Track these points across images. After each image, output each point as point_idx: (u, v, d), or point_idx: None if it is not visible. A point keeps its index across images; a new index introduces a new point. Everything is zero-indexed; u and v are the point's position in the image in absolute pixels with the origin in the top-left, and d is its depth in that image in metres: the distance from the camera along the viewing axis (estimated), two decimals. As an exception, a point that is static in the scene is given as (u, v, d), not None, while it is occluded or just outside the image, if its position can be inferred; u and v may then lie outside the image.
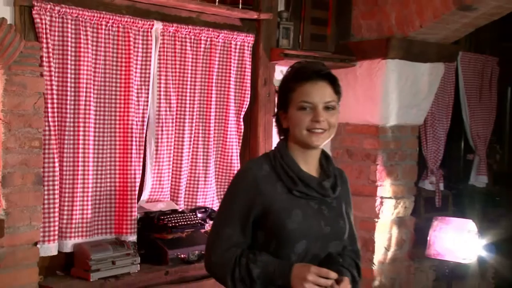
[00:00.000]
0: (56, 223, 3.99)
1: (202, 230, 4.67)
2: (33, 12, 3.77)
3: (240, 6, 4.73)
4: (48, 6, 3.84)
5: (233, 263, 2.72)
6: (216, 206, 4.75)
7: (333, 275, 2.63)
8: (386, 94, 5.40)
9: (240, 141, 4.90)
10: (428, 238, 5.60)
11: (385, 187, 5.50)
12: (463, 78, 6.46)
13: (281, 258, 2.74)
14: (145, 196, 4.53)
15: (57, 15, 3.89)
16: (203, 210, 4.76)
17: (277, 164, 2.80)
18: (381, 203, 5.46)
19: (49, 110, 3.91)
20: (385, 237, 5.52)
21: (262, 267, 2.70)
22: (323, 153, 2.92)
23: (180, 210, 4.62)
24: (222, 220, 2.86)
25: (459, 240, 5.43)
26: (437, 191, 6.27)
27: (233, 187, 2.90)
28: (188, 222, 4.50)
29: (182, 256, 4.33)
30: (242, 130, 4.88)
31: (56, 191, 3.98)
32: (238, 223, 2.80)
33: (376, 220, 5.45)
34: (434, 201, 6.27)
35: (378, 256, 5.46)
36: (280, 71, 5.21)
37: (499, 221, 7.04)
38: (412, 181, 5.80)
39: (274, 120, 3.02)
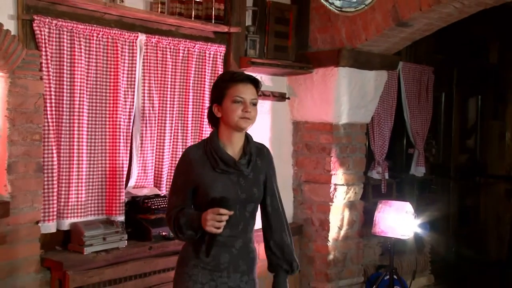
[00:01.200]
0: (55, 205, 4.03)
1: (181, 212, 4.72)
2: (34, 25, 3.81)
3: (213, 21, 4.74)
4: (47, 20, 3.87)
5: (173, 218, 3.07)
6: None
7: (224, 211, 2.89)
8: (338, 97, 5.43)
9: (214, 135, 4.88)
10: (374, 218, 5.63)
11: (338, 176, 5.52)
12: (404, 84, 6.50)
13: None
14: (132, 182, 4.54)
15: (54, 28, 3.92)
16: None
17: (207, 149, 3.10)
18: (335, 189, 5.48)
19: (48, 108, 3.94)
20: (338, 218, 5.53)
21: (187, 217, 3.03)
22: (246, 136, 3.19)
23: (162, 194, 4.63)
24: (171, 191, 3.26)
25: (399, 220, 5.47)
26: (382, 179, 6.29)
27: (177, 167, 3.27)
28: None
29: (164, 233, 4.39)
30: (215, 126, 4.90)
31: (55, 178, 4.01)
32: (180, 193, 3.17)
33: (331, 203, 5.47)
34: (380, 188, 6.29)
35: (333, 234, 5.49)
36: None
37: (433, 204, 7.14)
38: (361, 171, 5.82)
39: (206, 112, 3.29)
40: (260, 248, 3.39)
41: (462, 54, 7.68)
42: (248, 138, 3.22)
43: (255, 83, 3.17)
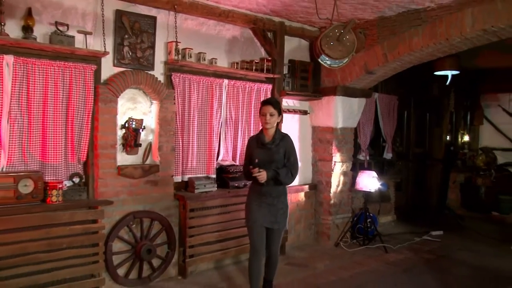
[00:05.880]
0: (180, 168, 4.40)
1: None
2: (172, 77, 4.25)
3: (265, 71, 4.89)
4: (178, 74, 4.27)
5: (245, 172, 3.51)
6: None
7: (255, 170, 3.31)
8: (336, 112, 5.58)
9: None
10: (356, 180, 5.79)
11: (337, 157, 5.66)
12: (379, 106, 6.60)
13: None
14: (220, 158, 4.78)
15: (181, 78, 4.31)
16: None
17: (257, 137, 3.53)
18: (334, 164, 5.64)
19: (177, 118, 4.31)
20: (336, 180, 5.68)
21: (246, 170, 3.38)
22: (276, 129, 3.50)
23: (237, 164, 4.84)
24: (244, 158, 3.62)
25: (369, 181, 5.67)
26: (365, 160, 6.47)
27: (246, 147, 3.64)
28: (240, 170, 4.71)
29: (236, 184, 4.66)
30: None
31: (180, 154, 4.37)
32: (247, 158, 3.58)
33: (332, 172, 5.63)
34: (364, 165, 6.42)
35: (333, 189, 5.65)
36: (285, 101, 5.34)
37: (395, 173, 7.20)
38: (351, 154, 5.84)
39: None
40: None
41: (416, 89, 7.57)
42: (277, 131, 3.50)
43: (271, 103, 3.44)
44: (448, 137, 8.33)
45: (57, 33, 3.50)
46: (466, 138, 8.67)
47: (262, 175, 3.38)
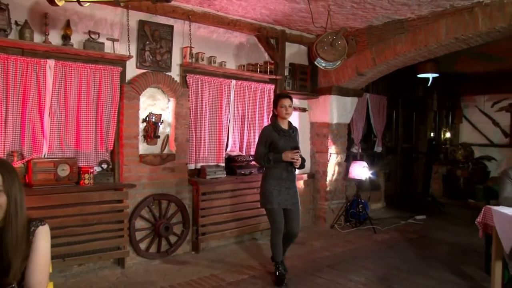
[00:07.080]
0: (193, 157, 4.49)
1: (251, 163, 4.88)
2: (186, 78, 4.35)
3: (268, 73, 4.96)
4: (191, 75, 4.37)
5: (263, 156, 3.49)
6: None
7: (295, 151, 3.40)
8: (331, 110, 5.68)
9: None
10: (349, 170, 5.90)
11: (332, 149, 5.77)
12: (370, 105, 6.69)
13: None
14: (228, 149, 4.87)
15: (194, 78, 4.41)
16: (253, 155, 4.77)
17: (273, 126, 3.53)
18: (330, 156, 5.75)
19: (191, 113, 4.40)
20: (332, 170, 5.79)
21: (273, 156, 3.46)
22: (289, 121, 3.59)
23: (243, 155, 4.92)
24: (258, 145, 3.59)
25: (360, 170, 5.78)
26: (358, 152, 6.55)
27: (260, 135, 3.62)
28: (246, 159, 4.86)
29: (243, 172, 4.76)
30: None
31: (193, 145, 4.45)
32: (263, 146, 3.55)
33: (328, 163, 5.73)
34: (357, 157, 6.46)
35: (329, 178, 5.75)
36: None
37: (385, 165, 7.28)
38: (345, 147, 5.94)
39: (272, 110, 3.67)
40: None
41: (403, 91, 7.63)
42: (289, 122, 3.62)
43: (290, 97, 3.60)
44: (432, 133, 8.42)
45: (90, 40, 3.74)
46: (448, 134, 8.79)
47: (300, 160, 3.50)
